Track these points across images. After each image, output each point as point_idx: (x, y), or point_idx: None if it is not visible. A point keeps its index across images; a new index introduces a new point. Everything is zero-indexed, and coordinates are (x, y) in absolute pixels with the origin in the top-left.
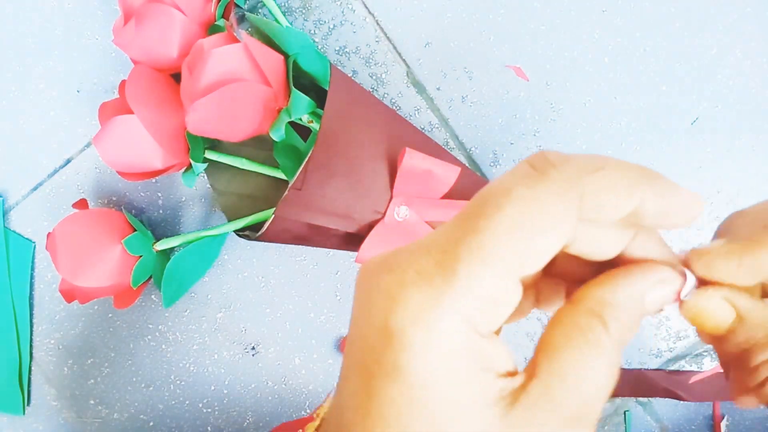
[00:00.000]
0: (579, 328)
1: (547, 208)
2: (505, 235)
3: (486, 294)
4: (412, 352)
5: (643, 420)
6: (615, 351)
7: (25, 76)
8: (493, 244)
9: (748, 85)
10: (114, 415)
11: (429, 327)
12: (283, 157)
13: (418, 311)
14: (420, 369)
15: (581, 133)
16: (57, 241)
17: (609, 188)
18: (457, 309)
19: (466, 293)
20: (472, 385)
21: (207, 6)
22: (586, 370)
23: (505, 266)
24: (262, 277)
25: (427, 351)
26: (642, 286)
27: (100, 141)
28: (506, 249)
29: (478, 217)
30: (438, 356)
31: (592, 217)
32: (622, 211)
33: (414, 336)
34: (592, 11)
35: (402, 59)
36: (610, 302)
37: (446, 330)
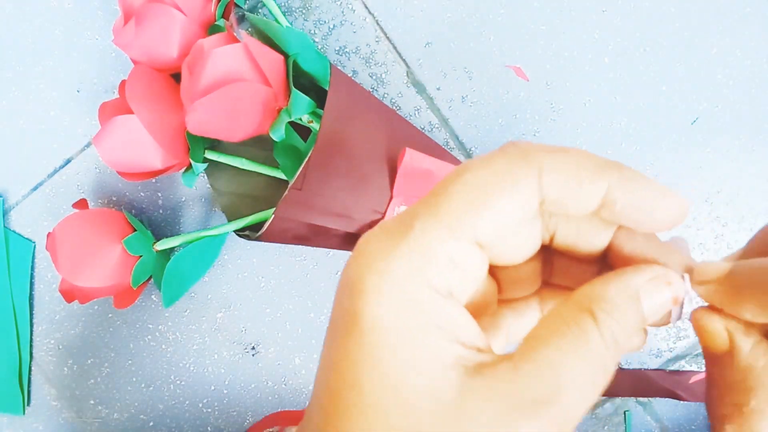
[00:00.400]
0: (564, 320)
1: (501, 175)
2: (458, 195)
3: (441, 250)
4: (365, 297)
5: (643, 420)
6: (605, 349)
7: (25, 76)
8: (447, 203)
9: (748, 85)
10: (114, 415)
11: (381, 272)
12: (283, 157)
13: (373, 258)
14: (372, 314)
15: (581, 133)
16: (57, 241)
17: (569, 169)
18: (410, 259)
19: (419, 245)
20: (427, 340)
21: (207, 6)
22: (564, 359)
23: (458, 225)
24: (262, 277)
25: (379, 295)
26: (635, 282)
27: (100, 141)
28: (459, 208)
29: (442, 185)
30: (390, 301)
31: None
32: (589, 196)
33: (367, 281)
34: (592, 11)
35: (402, 59)
36: (600, 296)
37: (398, 277)
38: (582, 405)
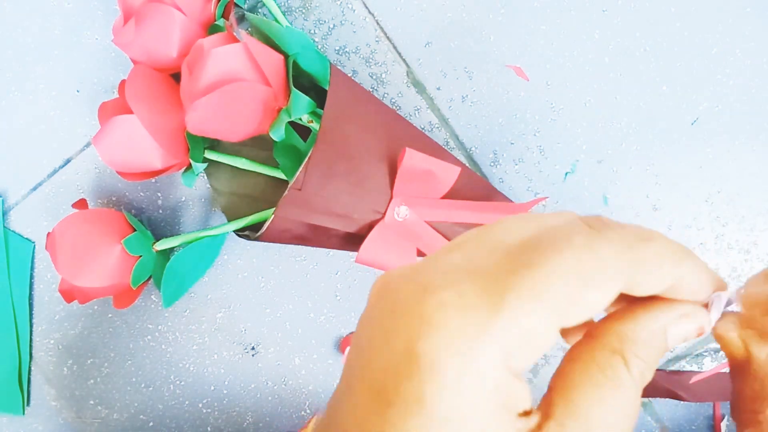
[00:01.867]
0: (598, 365)
1: (603, 264)
2: (559, 278)
3: (529, 333)
4: (441, 385)
5: (643, 420)
6: (635, 390)
7: (25, 76)
8: (547, 283)
9: (748, 85)
10: (114, 416)
11: (466, 359)
12: (283, 157)
13: (457, 339)
14: (447, 404)
15: (581, 133)
16: (57, 241)
17: (658, 261)
18: (500, 343)
19: (511, 327)
20: (494, 426)
21: (207, 6)
22: (604, 412)
23: (552, 308)
24: (262, 277)
25: (460, 385)
26: (664, 321)
27: (100, 141)
28: (558, 292)
29: (533, 254)
30: (470, 393)
31: (638, 282)
32: (665, 283)
33: (447, 367)
34: (592, 11)
35: (402, 59)
36: (631, 339)
37: (484, 365)
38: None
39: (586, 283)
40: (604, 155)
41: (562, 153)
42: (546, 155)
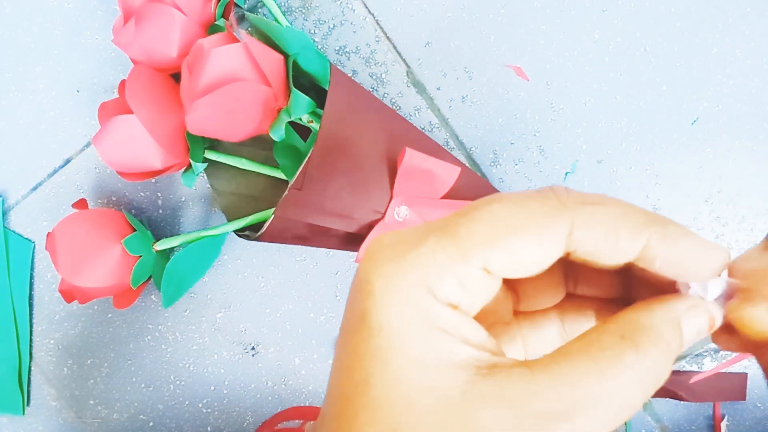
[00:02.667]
0: (600, 346)
1: (529, 217)
2: (479, 223)
3: (449, 269)
4: (373, 299)
5: (643, 420)
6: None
7: (24, 76)
8: (466, 227)
9: (748, 85)
10: (114, 416)
11: (391, 279)
12: (283, 157)
13: (384, 261)
14: (379, 315)
15: (581, 133)
16: (57, 241)
17: (606, 225)
18: (417, 273)
19: (426, 262)
20: (432, 341)
21: (207, 6)
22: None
23: (471, 252)
24: (262, 277)
25: (386, 299)
26: (677, 310)
27: (100, 141)
28: (476, 236)
29: (468, 209)
30: (396, 306)
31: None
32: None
33: (376, 283)
34: (592, 11)
35: (402, 59)
36: (645, 326)
37: (405, 284)
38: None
39: (507, 230)
40: (604, 155)
41: (562, 153)
42: (546, 155)
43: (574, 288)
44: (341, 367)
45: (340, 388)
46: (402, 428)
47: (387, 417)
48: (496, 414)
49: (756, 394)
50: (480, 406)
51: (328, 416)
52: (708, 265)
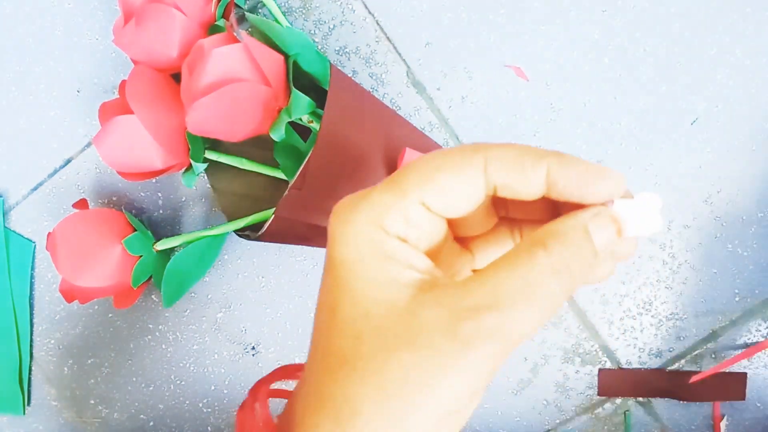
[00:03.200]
0: (516, 251)
1: (450, 159)
2: (412, 171)
3: (395, 209)
4: (334, 241)
5: (643, 420)
6: (554, 274)
7: (25, 76)
8: (403, 176)
9: (748, 85)
10: (114, 415)
11: (346, 221)
12: (283, 157)
13: (341, 214)
14: (340, 253)
15: (581, 133)
16: (57, 241)
17: (512, 158)
18: (369, 212)
19: (374, 204)
20: (384, 266)
21: (207, 6)
22: (507, 278)
23: (409, 191)
24: (262, 277)
25: (344, 239)
26: (583, 218)
27: (100, 141)
28: (411, 179)
29: (404, 166)
30: (353, 243)
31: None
32: (533, 181)
33: (336, 229)
34: (592, 11)
35: (402, 59)
36: (553, 231)
37: (359, 224)
38: (522, 318)
39: (435, 170)
40: (603, 155)
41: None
42: None
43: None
44: (318, 306)
45: (317, 323)
46: (363, 335)
47: (351, 329)
48: (434, 313)
49: (756, 394)
50: (421, 310)
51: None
52: (604, 185)
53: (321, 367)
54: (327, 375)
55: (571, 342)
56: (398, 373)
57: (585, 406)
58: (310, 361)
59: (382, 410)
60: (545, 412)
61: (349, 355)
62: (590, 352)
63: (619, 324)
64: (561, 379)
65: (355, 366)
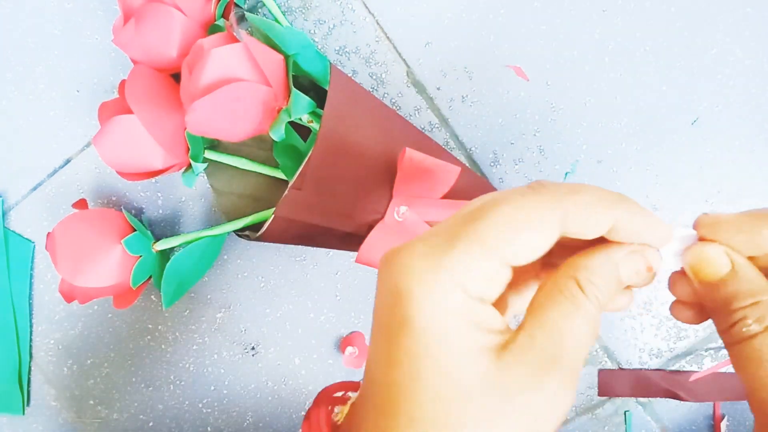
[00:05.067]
0: (558, 287)
1: (533, 213)
2: (497, 226)
3: (477, 268)
4: (417, 306)
5: (643, 420)
6: (591, 307)
7: (25, 76)
8: (487, 231)
9: (748, 85)
10: (114, 416)
11: (429, 285)
12: (283, 157)
13: (422, 273)
14: (424, 319)
15: (581, 133)
16: (57, 241)
17: (588, 207)
18: (452, 274)
19: (460, 264)
20: (468, 335)
21: (207, 6)
22: (563, 321)
23: (495, 249)
24: (262, 277)
25: (429, 304)
26: (615, 256)
27: (100, 141)
28: (497, 236)
29: (479, 212)
30: (438, 309)
31: (577, 230)
32: (601, 227)
33: (417, 292)
34: (592, 11)
35: (402, 59)
36: (584, 266)
37: (443, 289)
38: (583, 353)
39: (519, 229)
40: (604, 155)
41: (562, 153)
42: (546, 155)
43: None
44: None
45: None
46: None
47: (442, 400)
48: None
49: None
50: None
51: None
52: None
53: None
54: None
55: None
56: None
57: (585, 406)
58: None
59: None
60: None
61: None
62: (590, 352)
63: (619, 324)
64: None
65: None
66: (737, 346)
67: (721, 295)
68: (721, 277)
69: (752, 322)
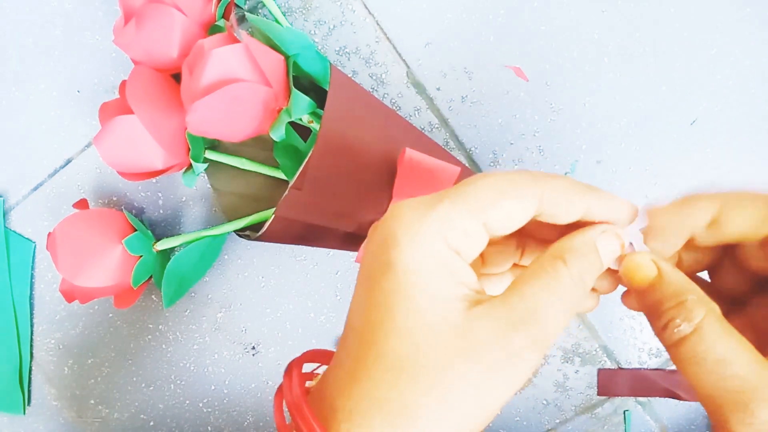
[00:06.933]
0: (542, 266)
1: (516, 185)
2: (481, 190)
3: (460, 223)
4: (400, 249)
5: (643, 420)
6: (573, 284)
7: (25, 76)
8: (472, 194)
9: (748, 85)
10: (114, 415)
11: (414, 232)
12: (283, 157)
13: (408, 221)
14: (405, 261)
15: (581, 133)
16: (57, 241)
17: (564, 190)
18: (436, 225)
19: (443, 217)
20: (444, 281)
21: (207, 6)
22: (542, 292)
23: (477, 210)
24: (262, 277)
25: (411, 248)
26: (591, 234)
27: (101, 141)
28: (480, 198)
29: (470, 179)
30: (419, 253)
31: (553, 211)
32: (575, 209)
33: (402, 237)
34: (592, 11)
35: (402, 59)
36: (569, 247)
37: (426, 236)
38: (555, 324)
39: (501, 195)
40: (603, 155)
41: (562, 153)
42: (545, 155)
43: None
44: (368, 304)
45: (367, 321)
46: (423, 346)
47: (410, 338)
48: (487, 328)
49: None
50: (475, 325)
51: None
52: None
53: (373, 366)
54: (383, 378)
55: (571, 342)
56: (457, 386)
57: (585, 405)
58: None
59: (440, 419)
60: (545, 412)
61: (408, 363)
62: (590, 351)
63: (619, 324)
64: (561, 378)
65: (416, 375)
66: (674, 348)
67: (651, 299)
68: (650, 281)
69: (680, 321)
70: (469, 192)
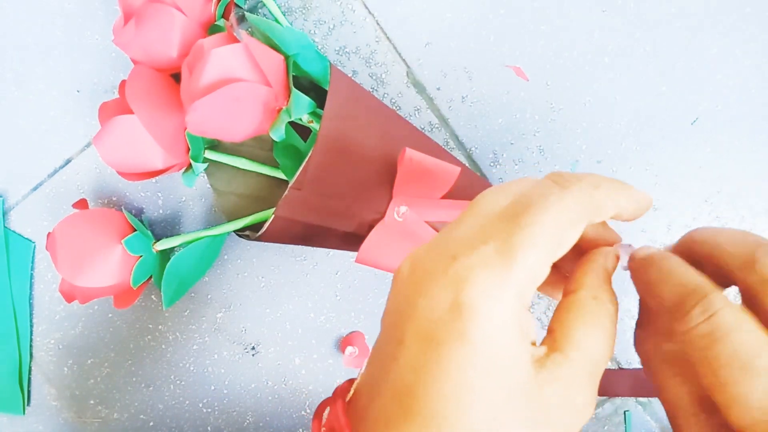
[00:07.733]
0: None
1: (574, 212)
2: (550, 230)
3: (534, 274)
4: (479, 322)
5: (643, 420)
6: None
7: (25, 76)
8: (541, 237)
9: (748, 85)
10: (114, 415)
11: (495, 301)
12: (283, 157)
13: (487, 288)
14: (483, 334)
15: (581, 133)
16: (57, 241)
17: (607, 199)
18: (516, 287)
19: (521, 274)
20: (517, 349)
21: (207, 6)
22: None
23: (549, 255)
24: (262, 277)
25: (492, 320)
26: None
27: (100, 141)
28: (551, 242)
29: (525, 215)
30: (499, 322)
31: (595, 218)
32: (610, 215)
33: (483, 309)
34: (592, 11)
35: (402, 59)
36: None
37: (507, 304)
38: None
39: (565, 229)
40: (603, 155)
41: (562, 153)
42: (546, 155)
43: None
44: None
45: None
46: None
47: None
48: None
49: None
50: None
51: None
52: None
53: None
54: None
55: None
56: None
57: None
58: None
59: None
60: None
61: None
62: None
63: (619, 324)
64: None
65: None
66: None
67: None
68: None
69: None
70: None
